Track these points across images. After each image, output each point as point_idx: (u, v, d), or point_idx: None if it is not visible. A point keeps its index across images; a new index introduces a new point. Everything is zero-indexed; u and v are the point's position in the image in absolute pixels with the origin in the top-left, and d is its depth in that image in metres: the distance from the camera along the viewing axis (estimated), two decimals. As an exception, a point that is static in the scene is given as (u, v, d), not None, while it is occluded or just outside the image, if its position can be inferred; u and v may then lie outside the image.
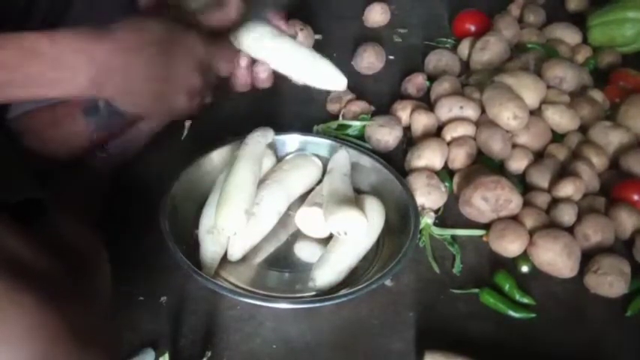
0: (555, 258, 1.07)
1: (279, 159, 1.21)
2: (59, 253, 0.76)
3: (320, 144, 1.24)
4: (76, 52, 0.75)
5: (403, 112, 1.36)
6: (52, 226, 0.89)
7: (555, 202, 1.16)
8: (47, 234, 0.85)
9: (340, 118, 1.36)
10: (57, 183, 1.01)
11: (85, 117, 0.89)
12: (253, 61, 1.00)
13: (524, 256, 1.11)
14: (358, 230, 1.01)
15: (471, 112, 1.31)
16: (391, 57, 1.59)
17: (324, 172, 1.20)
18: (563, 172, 1.22)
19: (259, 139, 1.15)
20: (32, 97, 0.75)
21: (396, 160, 1.27)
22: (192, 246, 1.06)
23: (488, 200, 1.13)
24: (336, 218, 1.01)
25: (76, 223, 0.95)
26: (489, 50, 1.47)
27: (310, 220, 1.08)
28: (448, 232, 1.15)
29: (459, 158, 1.25)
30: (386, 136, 1.29)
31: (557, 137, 1.31)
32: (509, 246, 1.11)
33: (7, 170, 0.83)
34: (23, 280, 0.66)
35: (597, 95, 1.38)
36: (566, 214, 1.13)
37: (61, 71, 0.75)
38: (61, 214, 0.93)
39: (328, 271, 1.01)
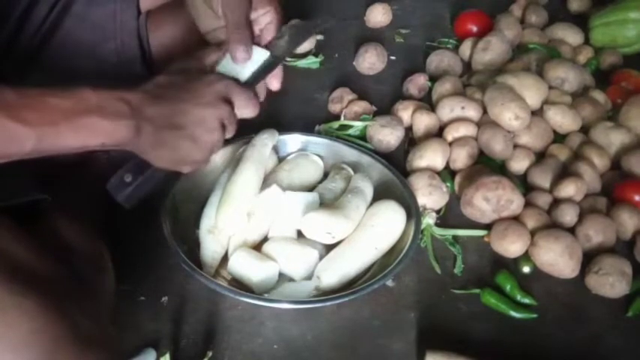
0: (556, 258, 1.07)
1: (281, 159, 1.21)
2: (61, 255, 0.76)
3: (321, 144, 1.24)
4: (116, 99, 0.79)
5: (405, 112, 1.36)
6: (54, 227, 0.90)
7: (557, 202, 1.16)
8: (49, 235, 0.86)
9: (342, 118, 1.36)
10: (59, 183, 1.01)
11: (113, 193, 0.92)
12: None
13: (526, 257, 1.11)
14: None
15: (472, 112, 1.31)
16: (393, 57, 1.59)
17: (325, 172, 1.21)
18: (565, 172, 1.21)
19: (266, 141, 1.15)
20: (81, 146, 0.77)
21: (397, 161, 1.27)
22: (193, 246, 1.06)
23: (489, 200, 1.13)
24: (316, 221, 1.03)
25: (78, 223, 0.95)
26: (491, 51, 1.47)
27: (314, 225, 1.07)
28: (449, 233, 1.15)
29: (461, 158, 1.25)
30: (387, 136, 1.29)
31: (559, 138, 1.31)
32: (511, 246, 1.11)
33: (9, 172, 0.83)
34: (26, 283, 0.67)
35: (599, 96, 1.39)
36: (568, 215, 1.13)
37: (106, 118, 0.78)
38: (63, 214, 0.93)
39: (335, 274, 1.01)
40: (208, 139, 0.88)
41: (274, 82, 0.98)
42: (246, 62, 0.92)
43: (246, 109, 0.91)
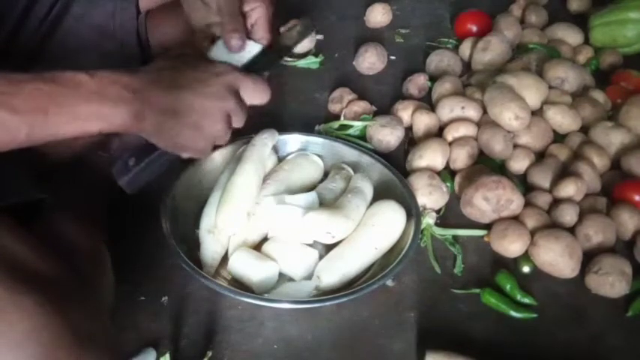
0: (556, 258, 1.07)
1: (281, 159, 1.21)
2: (61, 254, 0.76)
3: (321, 144, 1.24)
4: (114, 83, 0.77)
5: (405, 112, 1.36)
6: (54, 226, 0.90)
7: (556, 202, 1.16)
8: (49, 235, 0.86)
9: (342, 118, 1.36)
10: (59, 183, 1.01)
11: (117, 177, 0.91)
12: None
13: (526, 257, 1.11)
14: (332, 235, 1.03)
15: (472, 112, 1.31)
16: (393, 57, 1.59)
17: (325, 172, 1.21)
18: (565, 172, 1.21)
19: (266, 140, 1.15)
20: (79, 132, 0.76)
21: (397, 161, 1.27)
22: (193, 246, 1.06)
23: (489, 200, 1.13)
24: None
25: (77, 223, 0.95)
26: (491, 50, 1.47)
27: (314, 225, 1.06)
28: (449, 233, 1.15)
29: (461, 158, 1.25)
30: (387, 136, 1.29)
31: (559, 137, 1.31)
32: (511, 246, 1.11)
33: (9, 171, 0.83)
34: (24, 282, 0.67)
35: (599, 96, 1.39)
36: (568, 215, 1.13)
37: (104, 103, 0.76)
38: (63, 214, 0.93)
39: (335, 274, 1.01)
40: (212, 129, 0.87)
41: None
42: (241, 50, 0.93)
43: (255, 96, 0.91)
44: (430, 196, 1.17)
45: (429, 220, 1.15)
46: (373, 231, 1.05)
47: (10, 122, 0.70)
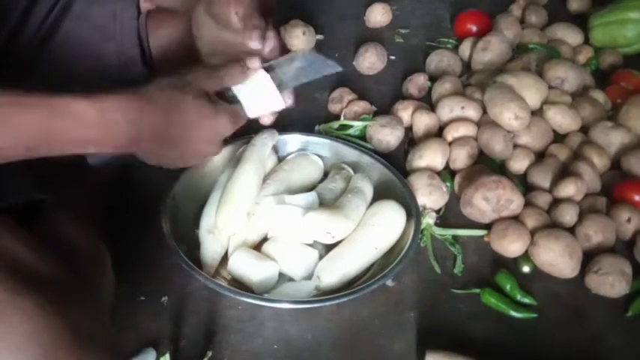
0: (556, 258, 1.07)
1: (281, 159, 1.21)
2: (61, 255, 0.76)
3: (321, 144, 1.24)
4: (115, 110, 0.80)
5: (404, 112, 1.36)
6: (54, 226, 0.90)
7: (556, 202, 1.16)
8: (49, 235, 0.86)
9: (342, 118, 1.36)
10: (59, 183, 1.01)
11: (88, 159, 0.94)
12: None
13: (526, 257, 1.11)
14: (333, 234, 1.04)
15: (472, 112, 1.31)
16: (392, 57, 1.59)
17: (325, 172, 1.21)
18: (565, 172, 1.21)
19: (266, 140, 1.15)
20: (79, 152, 0.80)
21: (397, 161, 1.27)
22: (193, 246, 1.06)
23: (489, 200, 1.13)
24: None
25: (77, 223, 0.95)
26: (491, 50, 1.47)
27: (314, 225, 1.06)
28: (449, 233, 1.15)
29: (461, 158, 1.25)
30: (387, 136, 1.29)
31: (559, 137, 1.31)
32: (511, 246, 1.11)
33: (8, 172, 0.83)
34: (26, 283, 0.67)
35: (599, 96, 1.39)
36: (568, 215, 1.13)
37: (103, 131, 0.79)
38: (63, 214, 0.93)
39: (335, 274, 1.01)
40: (195, 163, 0.97)
41: (266, 118, 1.02)
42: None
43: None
44: (430, 196, 1.17)
45: (429, 220, 1.15)
46: (373, 231, 1.06)
47: (12, 139, 0.72)
